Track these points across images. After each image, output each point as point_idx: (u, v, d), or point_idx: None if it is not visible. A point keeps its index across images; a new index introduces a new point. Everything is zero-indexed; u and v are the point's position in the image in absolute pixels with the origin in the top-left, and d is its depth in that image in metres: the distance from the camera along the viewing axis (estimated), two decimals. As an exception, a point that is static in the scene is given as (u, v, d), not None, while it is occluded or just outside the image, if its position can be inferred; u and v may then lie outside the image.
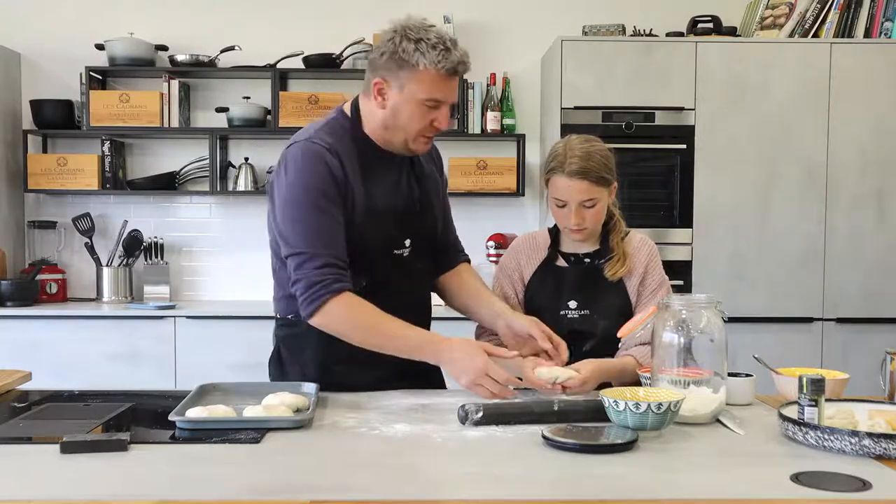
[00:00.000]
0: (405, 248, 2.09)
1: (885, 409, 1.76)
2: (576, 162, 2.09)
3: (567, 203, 2.11)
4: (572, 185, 2.09)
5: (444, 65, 1.92)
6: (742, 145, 3.91)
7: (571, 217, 2.11)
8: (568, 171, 2.09)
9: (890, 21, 4.00)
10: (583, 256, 2.21)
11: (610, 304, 2.16)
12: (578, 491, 1.36)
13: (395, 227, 2.06)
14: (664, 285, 2.20)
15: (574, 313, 2.17)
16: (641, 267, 2.18)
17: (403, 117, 1.98)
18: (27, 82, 4.38)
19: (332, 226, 1.97)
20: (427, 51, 1.92)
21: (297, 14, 4.41)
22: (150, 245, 4.31)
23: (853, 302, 3.93)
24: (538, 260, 2.23)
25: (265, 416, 1.74)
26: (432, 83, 1.94)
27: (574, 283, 2.19)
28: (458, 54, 1.95)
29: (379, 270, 2.05)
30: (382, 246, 2.05)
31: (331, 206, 1.96)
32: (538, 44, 4.33)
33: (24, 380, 2.21)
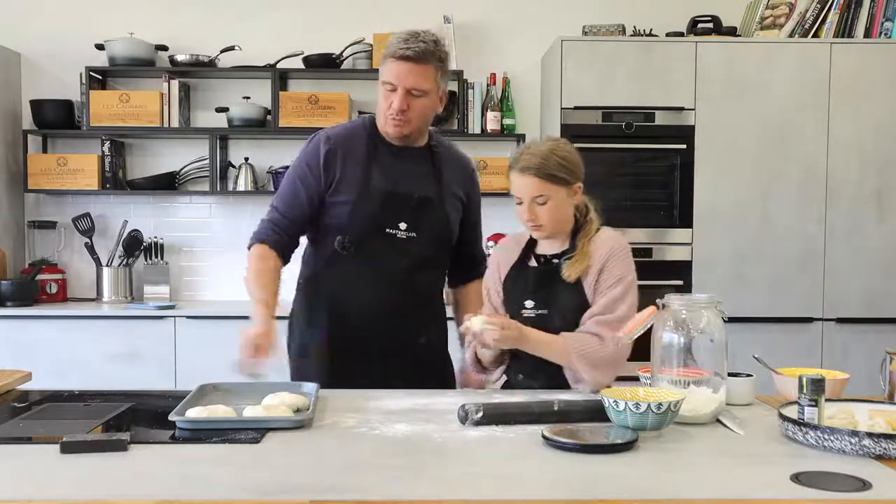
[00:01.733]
0: (399, 229, 2.29)
1: (885, 409, 1.76)
2: (527, 159, 2.12)
3: (521, 200, 2.14)
4: (523, 181, 2.12)
5: (391, 51, 2.20)
6: (742, 145, 3.91)
7: (525, 213, 2.14)
8: (519, 168, 2.12)
9: (890, 21, 4.00)
10: (551, 257, 2.21)
11: (566, 304, 2.14)
12: (578, 491, 1.36)
13: (388, 207, 2.27)
14: (622, 282, 2.11)
15: (531, 312, 2.16)
16: (598, 265, 2.13)
17: (379, 103, 2.29)
18: (27, 82, 4.38)
19: (296, 193, 2.30)
20: (391, 41, 2.23)
21: (297, 14, 4.41)
22: (150, 245, 4.31)
23: (853, 302, 3.93)
24: (513, 260, 2.25)
25: (265, 416, 1.75)
26: (386, 67, 2.22)
27: (533, 283, 2.19)
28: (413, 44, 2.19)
29: (369, 242, 2.28)
30: (374, 220, 2.27)
31: (306, 180, 2.29)
32: (538, 44, 4.33)
33: (24, 380, 2.21)
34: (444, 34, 4.24)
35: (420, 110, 2.26)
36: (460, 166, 2.46)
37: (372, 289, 2.29)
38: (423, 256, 2.32)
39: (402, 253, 2.29)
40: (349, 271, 2.30)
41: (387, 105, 2.24)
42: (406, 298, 2.31)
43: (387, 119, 2.26)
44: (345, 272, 2.30)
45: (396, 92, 2.21)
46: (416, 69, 2.20)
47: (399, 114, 2.23)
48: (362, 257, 2.28)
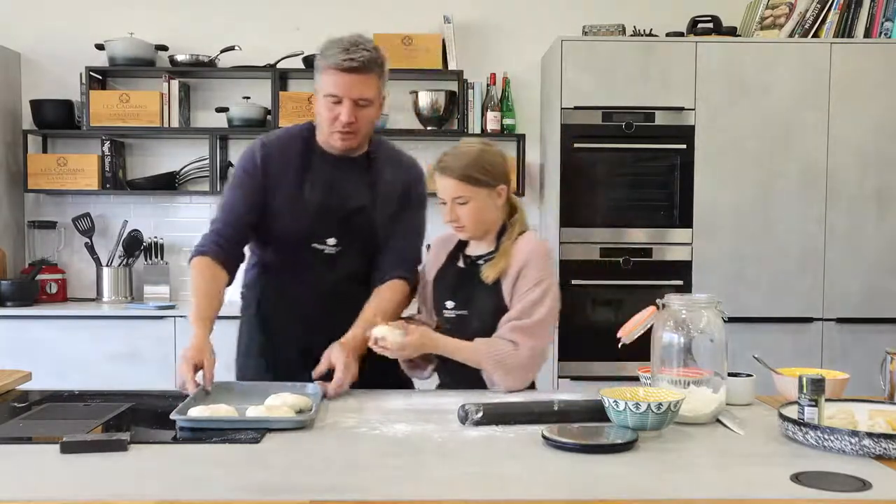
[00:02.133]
0: (327, 244, 2.23)
1: (885, 409, 1.76)
2: (447, 161, 2.13)
3: (444, 201, 2.15)
4: (443, 182, 2.14)
5: (333, 62, 2.12)
6: (742, 145, 3.91)
7: (446, 214, 2.15)
8: (438, 168, 2.15)
9: (890, 21, 4.00)
10: (476, 258, 2.21)
11: (484, 305, 2.13)
12: (578, 491, 1.36)
13: (317, 221, 2.22)
14: (541, 286, 2.09)
15: (450, 313, 2.18)
16: (517, 268, 2.11)
17: (318, 114, 2.22)
18: (27, 82, 4.38)
19: (236, 202, 2.25)
20: (325, 51, 2.15)
21: (297, 14, 4.41)
22: (150, 245, 4.31)
23: (853, 302, 3.93)
24: (442, 259, 2.26)
25: (267, 417, 1.75)
26: (328, 79, 2.15)
27: (455, 283, 2.20)
28: (355, 54, 2.11)
29: (294, 257, 2.25)
30: (300, 234, 2.22)
31: (244, 188, 2.24)
32: (538, 44, 4.33)
33: (24, 380, 2.21)
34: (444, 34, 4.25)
35: (367, 120, 2.20)
36: (401, 170, 2.35)
37: (300, 304, 2.25)
38: (353, 271, 2.26)
39: (329, 269, 2.24)
40: (278, 284, 2.29)
41: (332, 117, 2.16)
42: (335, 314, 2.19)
43: (332, 132, 2.18)
44: (275, 285, 2.30)
45: (342, 104, 2.14)
46: (361, 79, 2.13)
47: (347, 126, 2.16)
48: (290, 271, 2.25)
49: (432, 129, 4.27)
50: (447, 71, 4.26)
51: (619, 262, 3.90)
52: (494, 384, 2.08)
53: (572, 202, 3.92)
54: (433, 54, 4.20)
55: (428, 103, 4.23)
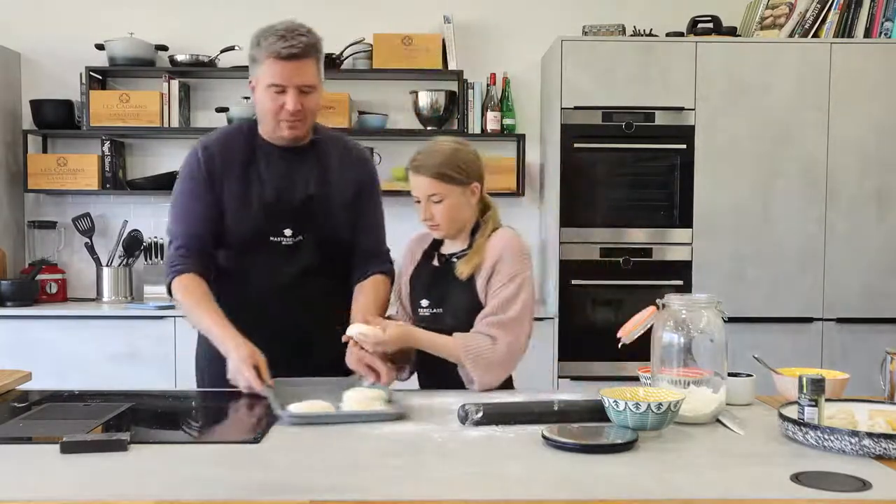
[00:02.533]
0: (285, 236, 2.19)
1: (885, 409, 1.76)
2: (420, 159, 2.13)
3: (419, 200, 2.14)
4: (417, 180, 2.14)
5: (271, 50, 2.09)
6: (742, 145, 3.91)
7: (422, 212, 2.15)
8: (412, 168, 2.14)
9: (890, 21, 4.00)
10: (450, 256, 2.21)
11: (459, 303, 2.14)
12: (578, 491, 1.36)
13: (271, 214, 2.18)
14: (515, 281, 2.08)
15: (425, 311, 2.18)
16: (490, 263, 2.10)
17: (260, 106, 2.17)
18: (27, 82, 4.38)
19: (192, 210, 2.18)
20: (263, 41, 2.12)
21: (297, 14, 4.38)
22: (150, 245, 4.31)
23: (853, 302, 3.93)
24: (418, 257, 2.26)
25: (368, 410, 1.80)
26: (269, 69, 2.11)
27: (429, 281, 2.20)
28: (294, 41, 2.10)
29: (252, 254, 2.19)
30: (256, 230, 2.18)
31: (195, 197, 2.18)
32: (538, 44, 4.33)
33: (24, 380, 2.21)
34: (444, 34, 4.25)
35: (312, 107, 2.16)
36: (353, 162, 2.32)
37: (261, 300, 2.19)
38: (313, 262, 2.22)
39: (288, 260, 2.20)
40: (237, 283, 2.21)
41: (276, 107, 2.12)
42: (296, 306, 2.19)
43: (278, 122, 2.14)
44: (233, 285, 2.21)
45: (287, 93, 2.10)
46: (301, 65, 2.11)
47: (294, 115, 2.12)
48: (248, 269, 2.20)
49: (432, 129, 4.27)
50: (447, 71, 4.26)
51: (619, 262, 3.90)
52: (472, 382, 2.07)
53: (572, 202, 3.92)
54: (433, 54, 4.20)
55: (428, 103, 4.23)
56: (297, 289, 2.21)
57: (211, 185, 2.18)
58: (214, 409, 2.02)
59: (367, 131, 4.25)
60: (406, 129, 4.36)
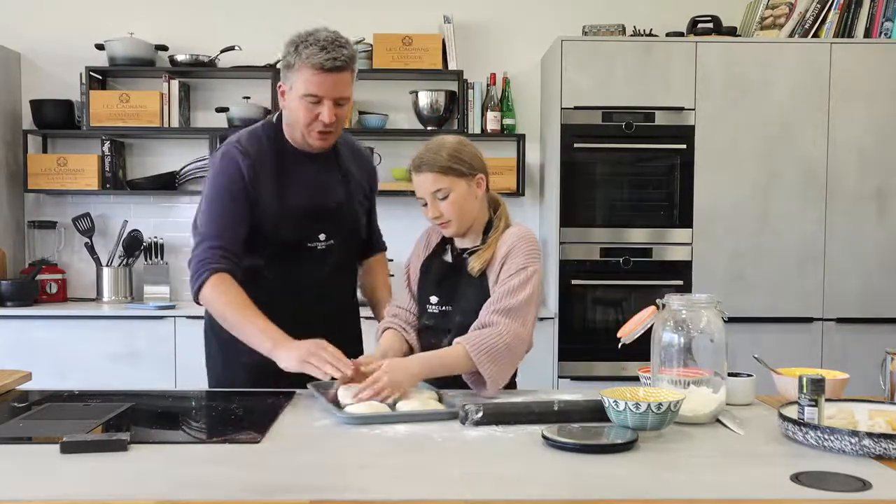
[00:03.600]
0: (320, 241, 2.23)
1: (885, 409, 1.76)
2: (419, 157, 2.11)
3: (425, 200, 2.11)
4: (420, 178, 2.10)
5: (313, 61, 2.07)
6: (742, 145, 3.91)
7: (429, 211, 2.11)
8: (414, 167, 2.12)
9: (890, 21, 4.00)
10: (462, 252, 2.18)
11: (469, 300, 2.11)
12: (578, 491, 1.36)
13: (307, 221, 2.21)
14: (525, 272, 2.06)
15: (434, 308, 2.15)
16: (501, 259, 2.09)
17: (293, 113, 2.17)
18: (27, 82, 4.38)
19: (229, 217, 2.15)
20: (303, 49, 2.09)
21: (297, 14, 4.41)
22: (150, 245, 4.31)
23: (853, 302, 3.93)
24: (428, 251, 2.24)
25: (425, 410, 1.82)
26: (308, 79, 2.09)
27: (439, 277, 2.18)
28: (336, 53, 2.08)
29: (287, 258, 2.21)
30: (294, 237, 2.20)
31: (235, 200, 2.16)
32: (538, 44, 4.33)
33: (24, 380, 2.21)
34: (444, 34, 4.25)
35: (344, 117, 2.18)
36: (363, 161, 2.40)
37: (295, 301, 2.19)
38: (339, 263, 2.28)
39: (320, 263, 2.24)
40: (270, 286, 2.20)
41: (311, 117, 2.12)
42: (323, 307, 2.23)
43: (310, 132, 2.15)
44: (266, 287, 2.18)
45: (323, 104, 2.10)
46: (341, 78, 2.11)
47: (329, 125, 2.13)
48: (281, 273, 2.21)
49: (432, 129, 4.27)
50: (447, 71, 4.26)
51: (619, 262, 3.90)
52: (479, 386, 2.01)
53: (572, 202, 3.92)
54: (433, 54, 4.20)
55: (428, 103, 4.23)
56: (324, 288, 2.27)
57: (248, 190, 2.17)
58: (214, 408, 2.02)
59: (367, 131, 4.25)
60: (406, 129, 4.36)
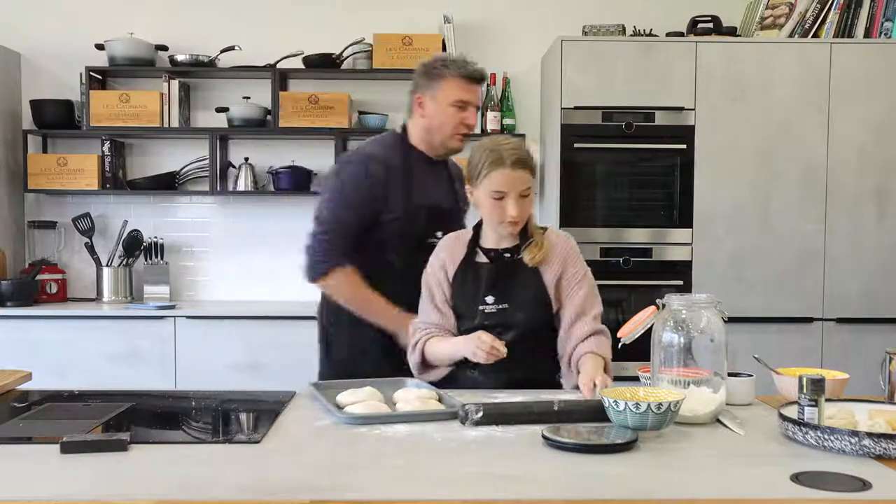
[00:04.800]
0: (437, 238, 2.42)
1: (885, 409, 1.76)
2: (514, 154, 2.15)
3: (505, 195, 2.14)
4: (514, 175, 2.14)
5: (464, 72, 2.48)
6: (742, 145, 3.91)
7: (512, 208, 2.14)
8: (510, 163, 2.14)
9: (890, 21, 4.00)
10: (502, 251, 2.22)
11: (527, 296, 2.16)
12: (578, 491, 1.36)
13: (430, 220, 2.48)
14: (587, 278, 2.21)
15: (491, 308, 2.17)
16: (559, 259, 2.19)
17: (436, 119, 2.50)
18: (27, 82, 4.38)
19: (353, 221, 2.45)
20: (450, 64, 2.50)
21: (297, 14, 4.41)
22: (150, 245, 4.31)
23: (853, 302, 3.93)
24: (459, 257, 2.25)
25: (430, 410, 1.83)
26: (457, 88, 2.47)
27: (491, 278, 2.19)
28: (477, 66, 2.51)
29: (409, 254, 2.43)
30: (419, 233, 2.46)
31: (360, 204, 2.44)
32: (538, 44, 4.33)
33: (24, 380, 2.21)
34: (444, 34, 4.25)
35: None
36: (457, 169, 2.67)
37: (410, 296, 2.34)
38: None
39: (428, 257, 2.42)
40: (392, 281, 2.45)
41: (457, 121, 2.48)
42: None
43: (452, 135, 2.50)
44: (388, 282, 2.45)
45: (469, 110, 2.49)
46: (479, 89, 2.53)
47: (471, 129, 2.51)
48: (405, 268, 2.40)
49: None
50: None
51: (619, 262, 3.90)
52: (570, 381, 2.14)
53: (572, 202, 3.92)
54: (433, 54, 4.19)
55: (428, 103, 4.23)
56: None
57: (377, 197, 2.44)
58: (214, 408, 2.02)
59: (367, 131, 4.25)
60: (406, 129, 4.36)
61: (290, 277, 4.40)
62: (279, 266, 4.36)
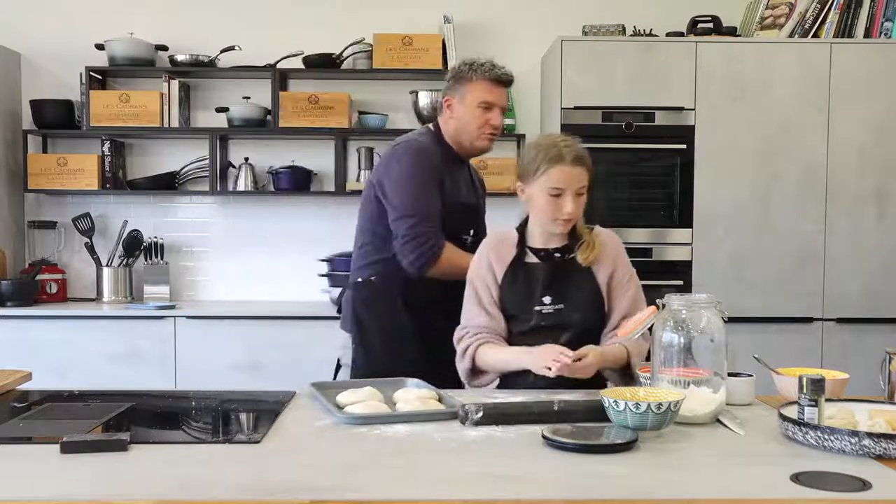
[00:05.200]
0: (469, 235, 2.61)
1: (885, 409, 1.76)
2: (574, 151, 2.17)
3: (563, 192, 2.14)
4: (574, 172, 2.15)
5: (490, 75, 2.59)
6: (742, 145, 3.91)
7: (568, 205, 2.14)
8: (571, 160, 2.15)
9: (890, 21, 4.00)
10: (552, 251, 2.23)
11: (583, 296, 2.18)
12: (578, 491, 1.36)
13: (462, 217, 2.62)
14: (634, 278, 2.26)
15: (549, 308, 2.17)
16: (610, 259, 2.23)
17: (463, 119, 2.61)
18: (27, 82, 4.38)
19: (435, 201, 2.53)
20: (478, 67, 2.60)
21: (297, 14, 4.41)
22: (150, 245, 4.31)
23: (853, 302, 3.93)
24: (508, 258, 2.24)
25: (430, 410, 1.83)
26: (483, 90, 2.59)
27: (547, 278, 2.20)
28: (504, 70, 2.61)
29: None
30: (454, 230, 2.56)
31: (434, 186, 2.54)
32: (538, 44, 4.33)
33: (24, 380, 2.21)
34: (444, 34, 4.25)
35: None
36: (478, 174, 2.83)
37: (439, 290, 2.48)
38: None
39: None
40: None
41: (483, 121, 2.58)
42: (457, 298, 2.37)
43: (480, 135, 2.60)
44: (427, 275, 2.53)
45: (494, 111, 2.59)
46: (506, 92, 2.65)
47: (498, 129, 2.61)
48: None
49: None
50: (447, 71, 4.25)
51: (619, 262, 3.89)
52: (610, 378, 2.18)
53: (572, 202, 3.91)
54: (433, 54, 4.20)
55: (428, 103, 4.23)
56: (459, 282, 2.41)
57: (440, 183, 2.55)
58: (214, 408, 2.02)
59: (367, 131, 4.25)
60: (406, 129, 4.32)
61: (290, 277, 4.45)
62: (279, 266, 4.37)
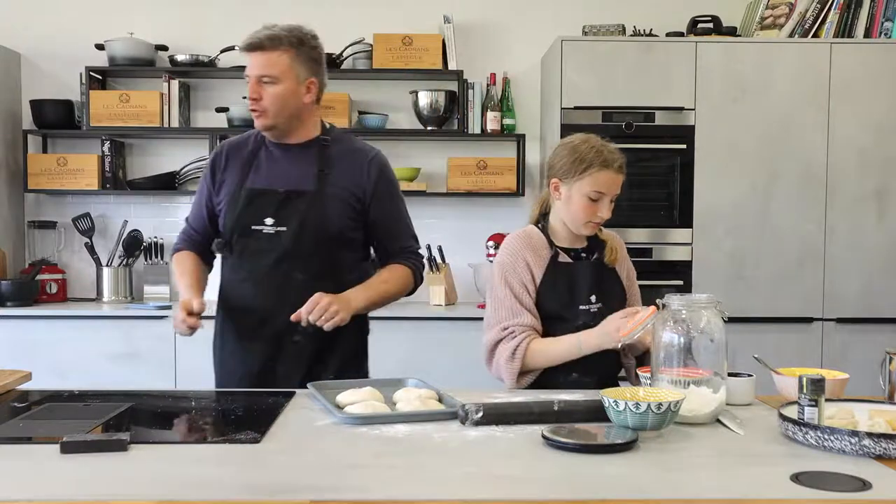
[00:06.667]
0: (265, 224, 2.30)
1: (885, 409, 1.76)
2: (620, 158, 2.23)
3: (602, 196, 2.19)
4: (617, 179, 2.21)
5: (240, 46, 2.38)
6: (742, 145, 3.91)
7: (605, 210, 2.20)
8: (616, 167, 2.20)
9: (890, 21, 4.00)
10: (580, 251, 2.29)
11: (615, 295, 2.27)
12: (578, 491, 1.36)
13: (252, 205, 2.31)
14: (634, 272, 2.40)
15: (594, 307, 2.23)
16: (623, 258, 2.35)
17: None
18: (27, 82, 4.38)
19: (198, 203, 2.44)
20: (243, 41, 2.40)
21: (296, 14, 4.39)
22: (150, 245, 4.31)
23: (853, 302, 3.93)
24: (544, 258, 2.24)
25: (430, 410, 1.82)
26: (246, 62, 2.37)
27: (590, 278, 2.24)
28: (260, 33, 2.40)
29: (238, 241, 2.34)
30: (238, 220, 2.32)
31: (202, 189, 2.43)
32: (538, 44, 4.33)
33: (24, 380, 2.21)
34: (444, 34, 4.25)
35: (272, 98, 2.28)
36: (353, 159, 2.38)
37: (248, 286, 2.34)
38: (296, 251, 2.29)
39: (269, 248, 2.30)
40: (230, 271, 2.40)
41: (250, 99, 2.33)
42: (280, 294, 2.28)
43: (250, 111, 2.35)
44: (228, 272, 2.41)
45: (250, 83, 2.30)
46: (262, 57, 2.31)
47: (252, 102, 2.30)
48: (236, 257, 2.36)
49: (432, 128, 4.27)
50: (447, 71, 4.26)
51: (619, 262, 3.90)
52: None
53: (572, 202, 3.91)
54: (433, 54, 4.20)
55: (428, 103, 4.23)
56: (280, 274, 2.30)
57: (213, 184, 2.41)
58: (214, 408, 2.02)
59: (367, 131, 4.25)
60: (406, 129, 4.36)
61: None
62: (279, 266, 4.37)
